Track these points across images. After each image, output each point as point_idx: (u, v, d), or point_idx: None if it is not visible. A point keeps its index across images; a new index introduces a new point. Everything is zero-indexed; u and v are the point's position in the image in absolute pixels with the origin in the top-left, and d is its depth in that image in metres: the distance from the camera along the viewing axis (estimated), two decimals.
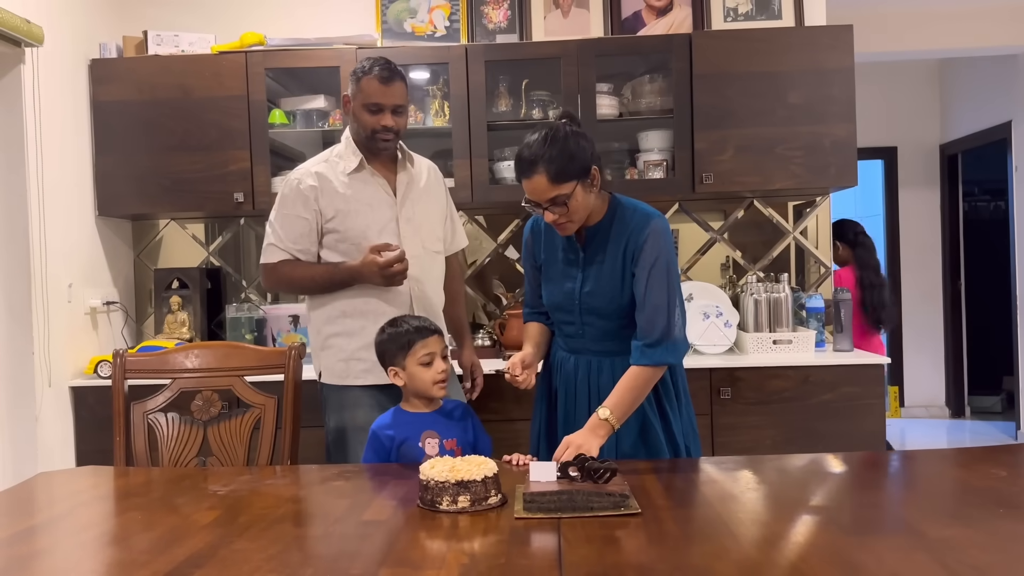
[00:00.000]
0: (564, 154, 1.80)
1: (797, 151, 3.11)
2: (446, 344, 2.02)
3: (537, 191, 1.83)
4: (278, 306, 3.38)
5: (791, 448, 2.84)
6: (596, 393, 1.95)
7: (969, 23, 4.83)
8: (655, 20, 3.42)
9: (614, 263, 1.91)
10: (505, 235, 3.57)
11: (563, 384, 2.02)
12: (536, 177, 1.81)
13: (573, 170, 1.81)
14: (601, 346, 1.96)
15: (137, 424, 2.09)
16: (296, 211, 2.25)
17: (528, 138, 1.85)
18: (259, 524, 1.44)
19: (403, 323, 2.00)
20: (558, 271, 2.00)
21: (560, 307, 1.99)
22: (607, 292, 1.92)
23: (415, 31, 3.46)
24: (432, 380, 1.94)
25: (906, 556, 1.20)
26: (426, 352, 1.94)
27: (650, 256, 1.87)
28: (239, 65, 3.18)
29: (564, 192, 1.81)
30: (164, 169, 3.20)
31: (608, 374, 1.94)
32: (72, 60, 3.15)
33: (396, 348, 1.96)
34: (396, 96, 2.23)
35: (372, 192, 2.28)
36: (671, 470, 1.76)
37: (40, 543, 1.43)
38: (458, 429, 1.98)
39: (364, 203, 2.27)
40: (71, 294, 3.09)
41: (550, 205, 1.83)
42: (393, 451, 1.94)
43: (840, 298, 3.17)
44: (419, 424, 1.95)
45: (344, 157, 2.30)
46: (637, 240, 1.89)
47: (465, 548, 1.31)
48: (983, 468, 1.70)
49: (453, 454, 1.90)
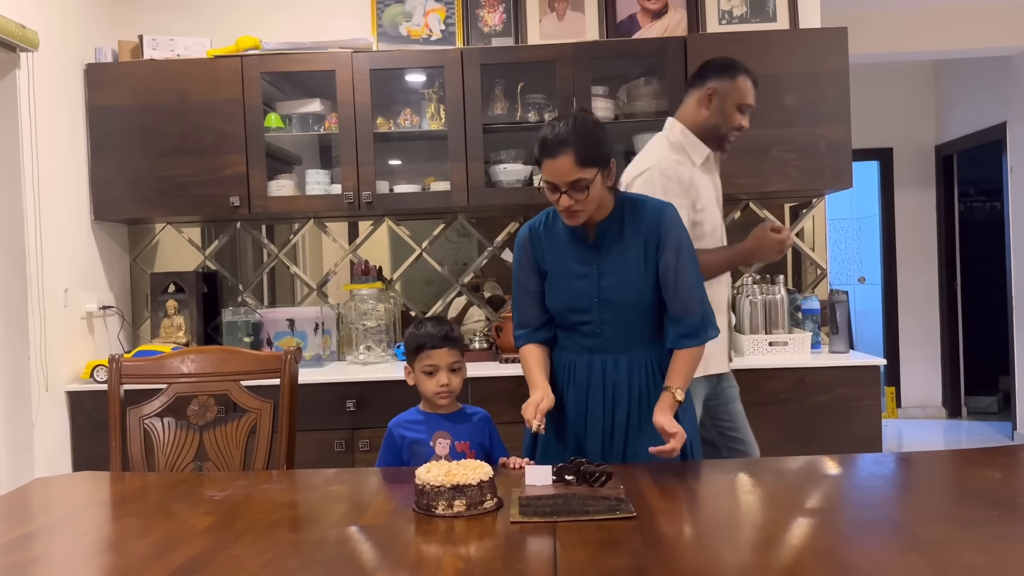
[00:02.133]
0: (592, 140, 1.81)
1: (792, 153, 3.12)
2: (460, 357, 1.99)
3: (560, 172, 1.81)
4: (274, 310, 3.38)
5: (787, 450, 2.84)
6: (611, 391, 1.93)
7: (964, 24, 4.85)
8: (650, 23, 3.43)
9: (637, 254, 1.89)
10: (501, 237, 3.57)
11: (574, 387, 1.97)
12: (562, 158, 1.80)
13: (598, 157, 1.82)
14: (618, 343, 1.93)
15: (133, 429, 2.09)
16: (680, 201, 2.18)
17: (553, 122, 1.85)
18: (255, 529, 1.44)
19: (422, 326, 2.00)
20: (568, 271, 1.95)
21: (575, 308, 1.94)
22: (631, 284, 1.89)
23: (410, 34, 3.46)
24: (432, 391, 1.94)
25: (901, 558, 1.20)
26: (430, 363, 1.94)
27: (674, 241, 1.89)
28: (235, 69, 3.19)
29: (587, 176, 1.80)
30: (160, 173, 3.20)
31: (624, 370, 1.93)
32: (67, 65, 3.15)
33: (409, 349, 1.99)
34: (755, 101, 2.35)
35: (712, 184, 2.36)
36: (666, 473, 1.76)
37: (36, 549, 1.43)
38: (473, 433, 1.96)
39: (712, 198, 2.34)
40: (67, 299, 3.09)
41: (570, 188, 1.81)
42: (404, 449, 1.94)
43: (835, 300, 3.18)
44: (433, 424, 1.95)
45: (690, 150, 2.32)
46: (657, 229, 1.89)
47: (461, 552, 1.31)
48: (978, 470, 1.71)
49: (464, 456, 1.90)
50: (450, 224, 3.59)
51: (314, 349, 3.28)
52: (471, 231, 3.58)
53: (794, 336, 3.10)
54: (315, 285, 3.62)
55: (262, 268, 3.63)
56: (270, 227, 3.63)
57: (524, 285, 2.02)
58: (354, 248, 3.61)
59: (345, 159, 3.20)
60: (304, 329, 3.30)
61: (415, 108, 3.33)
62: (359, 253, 3.60)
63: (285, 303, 3.60)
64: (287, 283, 3.64)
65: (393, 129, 3.31)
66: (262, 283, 3.64)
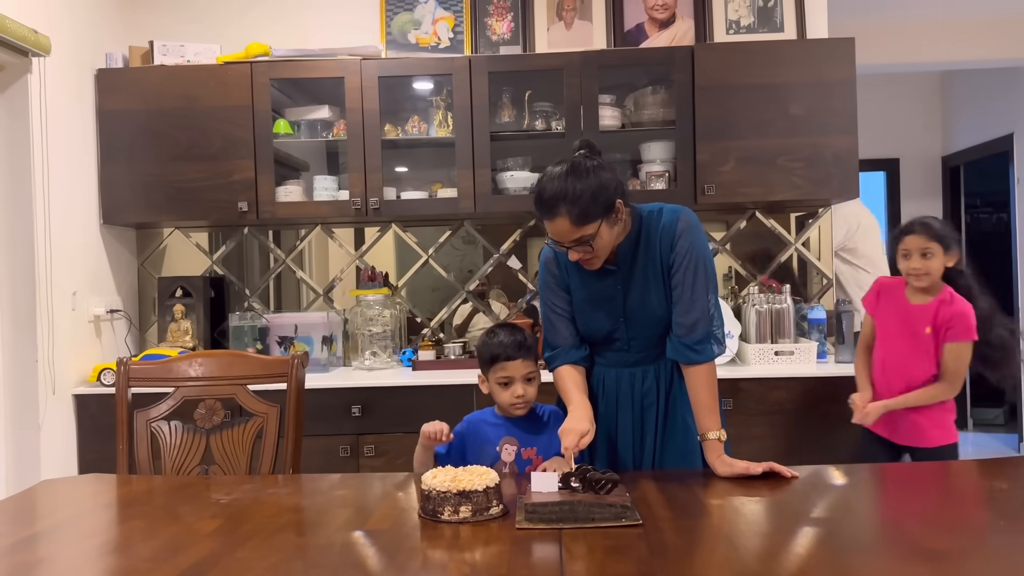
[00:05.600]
0: (586, 194, 1.71)
1: (799, 162, 3.12)
2: (535, 367, 1.94)
3: (560, 233, 1.75)
4: (281, 315, 3.39)
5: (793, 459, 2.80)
6: (640, 400, 1.93)
7: (971, 36, 4.85)
8: (657, 32, 3.44)
9: (656, 270, 1.86)
10: (507, 245, 3.58)
11: (604, 399, 1.96)
12: (559, 220, 1.72)
13: (596, 210, 1.73)
14: (644, 355, 1.93)
15: (140, 432, 2.10)
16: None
17: (548, 172, 1.77)
18: (261, 533, 1.45)
19: (496, 335, 1.95)
20: (593, 295, 1.91)
21: (603, 330, 1.92)
22: (654, 300, 1.87)
23: (419, 42, 3.48)
24: (508, 402, 1.92)
25: (907, 569, 1.20)
26: (504, 374, 1.91)
27: (683, 256, 1.83)
28: (244, 75, 3.21)
29: (588, 233, 1.74)
30: (169, 178, 3.22)
31: (652, 378, 1.93)
32: (78, 70, 3.17)
33: (483, 360, 1.95)
34: None
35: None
36: (672, 481, 1.76)
37: (43, 551, 1.44)
38: (543, 438, 1.94)
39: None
40: (75, 302, 3.10)
41: (574, 245, 1.77)
42: (472, 448, 1.91)
43: (842, 309, 3.18)
44: (502, 429, 1.94)
45: None
46: (671, 240, 1.84)
47: (466, 558, 1.31)
48: (985, 480, 1.70)
49: (531, 463, 1.90)
50: (456, 231, 3.60)
51: (320, 355, 3.29)
52: (477, 238, 3.59)
53: (800, 346, 3.10)
54: (321, 291, 3.63)
55: (269, 273, 3.64)
56: (277, 232, 3.65)
57: (553, 304, 1.96)
58: (361, 254, 3.62)
59: (353, 165, 3.21)
60: (310, 334, 3.30)
61: (423, 115, 3.35)
62: (365, 259, 3.61)
63: (291, 308, 3.61)
64: (293, 288, 3.66)
65: (401, 136, 3.33)
66: (268, 288, 3.65)
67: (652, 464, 1.93)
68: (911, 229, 2.50)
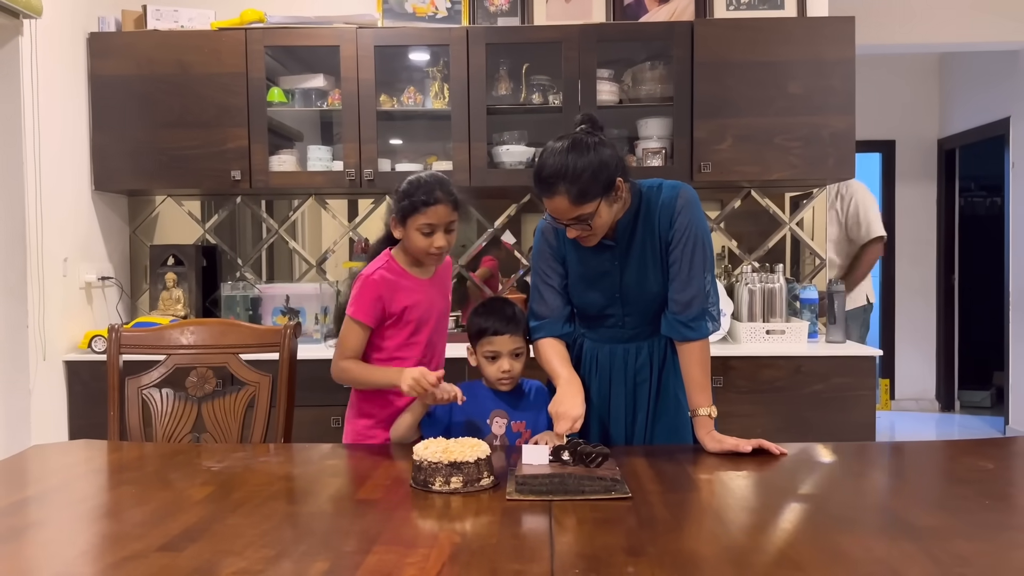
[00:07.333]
0: (586, 172, 1.69)
1: (796, 142, 3.12)
2: (523, 342, 1.93)
3: (558, 211, 1.74)
4: (273, 285, 3.38)
5: (782, 437, 2.82)
6: (632, 376, 1.93)
7: (970, 18, 4.83)
8: (657, 7, 3.41)
9: (654, 246, 1.86)
10: (502, 219, 3.56)
11: (596, 373, 1.96)
12: (557, 198, 1.71)
13: (596, 189, 1.71)
14: (638, 331, 1.93)
15: (131, 399, 2.10)
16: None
17: (548, 147, 1.74)
18: (252, 500, 1.45)
19: (486, 308, 1.94)
20: (589, 271, 1.90)
21: (598, 305, 1.92)
22: (650, 276, 1.87)
23: (416, 12, 3.44)
24: (494, 376, 1.91)
25: (893, 544, 1.21)
26: (491, 348, 1.90)
27: (684, 229, 1.82)
28: (238, 42, 3.17)
29: (587, 211, 1.72)
30: (161, 145, 3.19)
31: (645, 354, 1.93)
32: (70, 33, 3.12)
33: (471, 333, 1.95)
34: None
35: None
36: (662, 456, 1.77)
37: (33, 515, 1.44)
38: (530, 412, 1.94)
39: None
40: (66, 268, 3.08)
41: (572, 223, 1.76)
42: (446, 422, 1.91)
43: (833, 290, 3.19)
44: (491, 402, 1.94)
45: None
46: (670, 216, 1.83)
47: (457, 528, 1.32)
48: (971, 460, 1.72)
49: (520, 436, 1.90)
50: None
51: (312, 325, 3.29)
52: (471, 212, 3.57)
53: (791, 325, 3.11)
54: (314, 262, 3.61)
55: (261, 243, 3.63)
56: (270, 202, 3.63)
57: (544, 275, 1.94)
58: (354, 226, 3.60)
59: (347, 136, 3.19)
60: (303, 305, 3.30)
61: (419, 86, 3.32)
62: (359, 231, 3.59)
63: (283, 279, 3.60)
64: (286, 259, 3.64)
65: (396, 107, 3.30)
66: (261, 258, 3.64)
67: (643, 439, 1.94)
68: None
